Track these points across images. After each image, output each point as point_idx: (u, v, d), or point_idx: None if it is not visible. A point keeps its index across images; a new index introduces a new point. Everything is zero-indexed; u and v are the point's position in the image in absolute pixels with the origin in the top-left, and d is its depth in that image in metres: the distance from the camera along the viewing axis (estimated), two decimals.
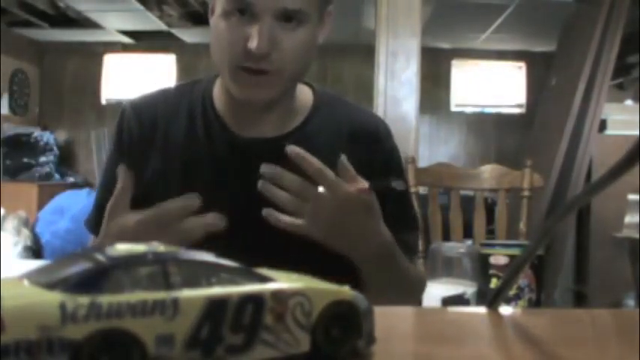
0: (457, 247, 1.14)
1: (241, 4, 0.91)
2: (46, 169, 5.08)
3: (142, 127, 1.06)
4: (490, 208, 2.16)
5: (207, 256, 0.39)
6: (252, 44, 0.90)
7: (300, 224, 0.89)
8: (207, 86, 1.09)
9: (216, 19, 0.95)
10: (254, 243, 0.99)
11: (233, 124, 1.05)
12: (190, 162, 1.04)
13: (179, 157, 1.04)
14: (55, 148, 5.25)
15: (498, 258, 1.13)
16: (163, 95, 1.11)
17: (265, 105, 1.00)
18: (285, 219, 0.89)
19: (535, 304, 1.14)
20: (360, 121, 1.14)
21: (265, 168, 0.89)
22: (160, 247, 0.39)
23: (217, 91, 1.08)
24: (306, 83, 1.12)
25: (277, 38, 0.91)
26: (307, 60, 0.99)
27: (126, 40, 5.81)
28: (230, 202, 1.02)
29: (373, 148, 1.12)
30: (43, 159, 5.08)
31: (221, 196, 1.02)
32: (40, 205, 4.44)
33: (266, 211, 0.89)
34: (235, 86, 0.97)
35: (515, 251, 1.13)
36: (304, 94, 1.10)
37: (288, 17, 0.92)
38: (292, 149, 0.88)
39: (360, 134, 1.12)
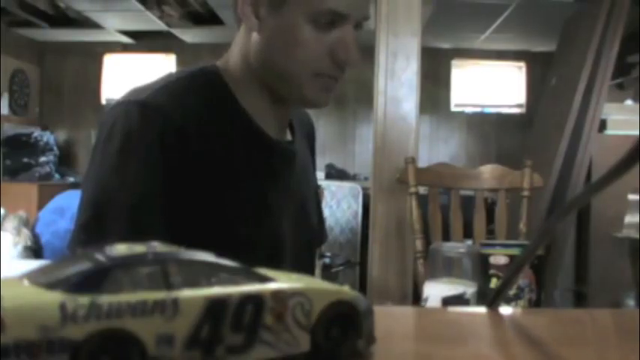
0: (457, 247, 1.14)
1: (336, 15, 0.93)
2: (46, 169, 5.08)
3: (181, 119, 0.94)
4: (490, 208, 2.16)
5: (207, 256, 0.39)
6: (346, 56, 0.94)
7: None
8: (218, 81, 1.02)
9: (297, 25, 0.93)
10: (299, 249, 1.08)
11: (265, 126, 1.03)
12: (233, 166, 0.99)
13: (222, 161, 0.98)
14: (55, 148, 5.25)
15: (498, 258, 1.13)
16: (180, 86, 1.00)
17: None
18: None
19: (535, 304, 1.14)
20: (305, 115, 1.25)
21: None
22: (159, 247, 0.39)
23: (240, 89, 1.02)
24: None
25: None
26: None
27: (126, 40, 5.81)
28: (275, 203, 1.04)
29: (312, 137, 1.26)
30: (43, 159, 5.08)
31: (269, 197, 1.03)
32: (40, 205, 4.44)
33: None
34: (310, 91, 0.98)
35: (515, 251, 1.13)
36: None
37: (360, 24, 0.96)
38: None
39: (309, 127, 1.24)
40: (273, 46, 0.97)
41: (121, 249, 0.37)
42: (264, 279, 0.40)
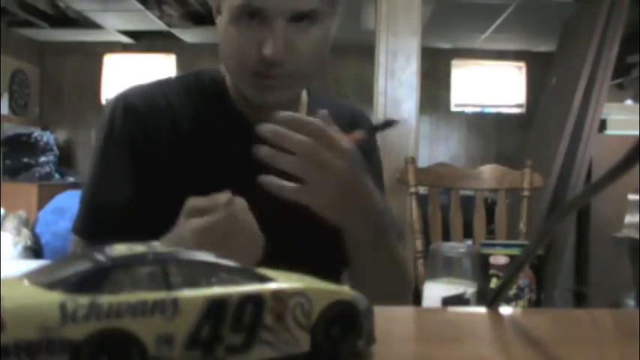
0: (457, 247, 1.14)
1: (251, 9, 0.87)
2: (46, 169, 5.08)
3: (152, 118, 0.99)
4: (490, 208, 2.16)
5: (207, 256, 0.39)
6: (268, 51, 0.87)
7: (301, 191, 0.82)
8: (216, 78, 1.04)
9: (225, 25, 0.92)
10: (279, 234, 0.99)
11: (253, 119, 1.00)
12: (215, 155, 1.00)
13: (200, 151, 0.99)
14: (55, 148, 5.25)
15: (498, 258, 1.13)
16: (167, 87, 1.04)
17: (283, 105, 0.97)
18: (287, 185, 0.81)
19: (535, 304, 1.14)
20: (345, 110, 1.17)
21: (266, 128, 0.80)
22: (160, 247, 0.39)
23: (231, 87, 1.04)
24: None
25: (291, 41, 0.88)
26: (322, 57, 0.97)
27: (126, 40, 5.81)
28: (259, 196, 1.01)
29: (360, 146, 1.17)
30: (43, 159, 5.08)
31: (249, 188, 1.01)
32: (40, 205, 4.44)
33: (265, 179, 0.80)
34: (251, 91, 0.95)
35: (515, 251, 1.13)
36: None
37: (301, 17, 0.89)
38: (268, 129, 0.80)
39: (348, 121, 1.14)
40: (220, 48, 0.96)
41: (121, 249, 0.37)
42: (264, 279, 0.40)
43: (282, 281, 0.40)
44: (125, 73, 5.96)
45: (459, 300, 1.00)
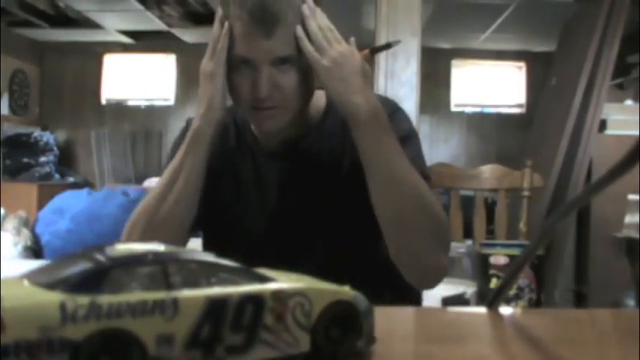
0: (457, 247, 1.14)
1: (243, 58, 1.10)
2: (46, 169, 5.08)
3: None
4: (490, 208, 2.16)
5: (207, 256, 0.39)
6: (256, 90, 1.10)
7: (316, 57, 1.08)
8: (242, 113, 1.26)
9: (228, 72, 1.14)
10: (283, 237, 1.20)
11: (263, 138, 1.25)
12: (238, 168, 1.26)
13: (231, 164, 1.26)
14: (55, 148, 5.25)
15: (498, 258, 1.13)
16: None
17: (281, 130, 1.17)
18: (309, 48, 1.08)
19: (535, 304, 1.14)
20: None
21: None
22: (160, 247, 0.39)
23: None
24: (320, 87, 1.26)
25: (276, 80, 1.11)
26: (308, 90, 1.16)
27: (126, 40, 5.81)
28: (267, 208, 1.22)
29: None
30: (43, 159, 5.08)
31: (260, 201, 1.23)
32: (40, 205, 4.43)
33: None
34: (252, 121, 1.21)
35: (515, 251, 1.13)
36: (317, 97, 1.25)
37: (282, 62, 1.10)
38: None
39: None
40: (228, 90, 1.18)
41: (121, 249, 0.37)
42: (264, 279, 0.40)
43: (282, 281, 0.40)
44: (125, 73, 5.96)
45: (459, 300, 1.00)
